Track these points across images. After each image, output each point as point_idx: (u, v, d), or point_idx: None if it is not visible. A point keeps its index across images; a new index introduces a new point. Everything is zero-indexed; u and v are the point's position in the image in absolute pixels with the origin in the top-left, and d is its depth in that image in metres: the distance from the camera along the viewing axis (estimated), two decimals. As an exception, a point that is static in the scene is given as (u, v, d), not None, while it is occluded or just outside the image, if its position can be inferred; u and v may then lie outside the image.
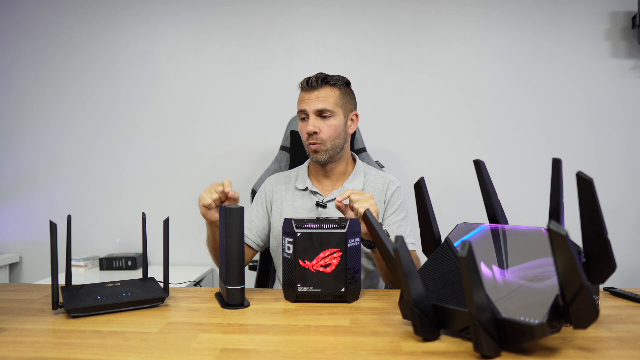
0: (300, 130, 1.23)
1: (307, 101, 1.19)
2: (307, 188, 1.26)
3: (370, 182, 1.28)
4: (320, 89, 1.19)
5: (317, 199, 1.24)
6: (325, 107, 1.18)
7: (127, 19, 1.97)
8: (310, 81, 1.20)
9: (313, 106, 1.18)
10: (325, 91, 1.20)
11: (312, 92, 1.19)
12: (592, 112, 1.89)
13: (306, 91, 1.20)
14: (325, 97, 1.19)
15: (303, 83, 1.21)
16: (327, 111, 1.18)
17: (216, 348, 0.64)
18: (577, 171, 0.62)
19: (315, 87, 1.19)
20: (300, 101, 1.22)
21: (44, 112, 1.99)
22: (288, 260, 0.88)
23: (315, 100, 1.18)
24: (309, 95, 1.19)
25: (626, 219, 1.87)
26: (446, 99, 1.91)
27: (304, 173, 1.30)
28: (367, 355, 0.61)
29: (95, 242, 1.97)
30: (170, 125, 1.97)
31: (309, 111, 1.18)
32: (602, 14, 1.87)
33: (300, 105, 1.21)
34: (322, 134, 1.18)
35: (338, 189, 1.25)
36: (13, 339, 0.68)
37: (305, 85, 1.20)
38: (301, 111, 1.20)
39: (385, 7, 1.91)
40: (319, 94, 1.19)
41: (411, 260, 0.62)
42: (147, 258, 0.94)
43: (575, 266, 0.54)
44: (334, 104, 1.19)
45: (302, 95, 1.22)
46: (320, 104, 1.18)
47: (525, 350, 0.61)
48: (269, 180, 1.35)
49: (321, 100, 1.18)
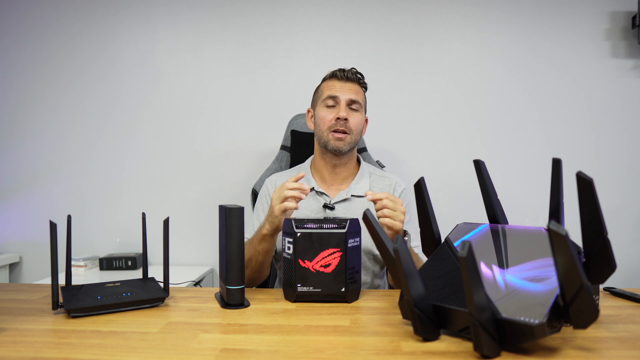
0: (323, 117, 1.21)
1: (341, 89, 1.20)
2: (312, 189, 1.24)
3: (376, 184, 1.27)
4: (354, 83, 1.23)
5: (323, 200, 1.22)
6: (358, 99, 1.20)
7: (127, 19, 1.97)
8: (347, 73, 1.22)
9: (347, 95, 1.20)
10: (357, 87, 1.23)
11: (346, 82, 1.22)
12: (592, 112, 1.89)
13: (340, 80, 1.22)
14: (357, 91, 1.22)
15: (338, 73, 1.23)
16: (358, 104, 1.21)
17: (216, 348, 0.64)
18: (577, 171, 0.62)
19: (350, 79, 1.22)
20: (330, 88, 1.22)
21: (44, 112, 1.99)
22: (288, 260, 0.88)
23: (348, 90, 1.21)
24: (342, 85, 1.21)
25: (626, 219, 1.87)
26: (446, 99, 1.91)
27: (307, 173, 1.27)
28: (367, 355, 0.61)
29: (95, 242, 1.97)
30: (170, 125, 1.97)
31: (341, 98, 1.19)
32: (602, 14, 1.87)
33: (331, 91, 1.21)
34: (350, 123, 1.19)
35: (344, 189, 1.24)
36: (13, 339, 0.68)
37: (341, 75, 1.22)
38: (332, 97, 1.20)
39: (385, 7, 1.91)
40: (352, 87, 1.22)
41: (411, 260, 0.62)
42: (147, 258, 0.94)
43: (575, 266, 0.54)
44: (362, 99, 1.23)
45: (333, 83, 1.22)
46: (354, 95, 1.20)
47: (525, 350, 0.61)
48: (269, 182, 1.31)
49: (354, 93, 1.21)
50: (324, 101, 1.22)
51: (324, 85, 1.25)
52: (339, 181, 1.26)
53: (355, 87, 1.23)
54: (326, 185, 1.26)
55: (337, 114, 1.18)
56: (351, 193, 1.23)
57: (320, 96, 1.25)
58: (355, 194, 1.23)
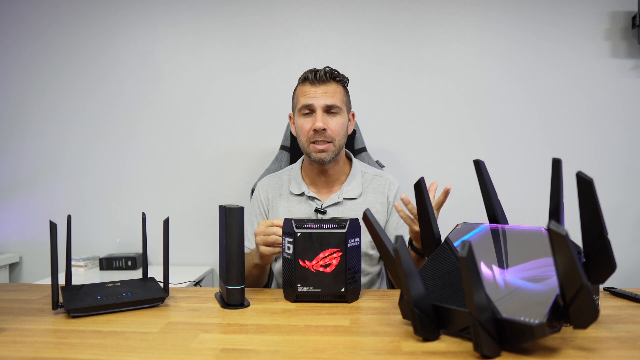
0: (300, 127, 1.14)
1: (314, 95, 1.11)
2: (303, 193, 1.20)
3: (369, 183, 1.23)
4: (328, 84, 1.13)
5: (315, 204, 1.19)
6: (334, 103, 1.11)
7: (127, 19, 1.97)
8: (319, 75, 1.12)
9: (322, 101, 1.11)
10: (333, 87, 1.13)
11: (320, 86, 1.12)
12: (592, 112, 1.89)
13: (313, 85, 1.12)
14: (333, 92, 1.12)
15: (309, 76, 1.13)
16: (336, 107, 1.12)
17: (216, 348, 0.64)
18: (577, 171, 0.62)
19: (323, 81, 1.12)
20: (303, 95, 1.13)
21: (44, 112, 1.99)
22: (288, 260, 0.88)
23: (323, 95, 1.11)
24: (316, 90, 1.12)
25: (626, 219, 1.87)
26: (446, 99, 1.91)
27: (297, 176, 1.24)
28: (367, 355, 0.61)
29: (95, 242, 1.97)
30: (170, 125, 1.97)
31: (316, 106, 1.11)
32: (602, 14, 1.87)
33: (305, 99, 1.12)
34: (330, 131, 1.11)
35: (336, 192, 1.20)
36: (13, 339, 0.68)
37: (313, 79, 1.12)
38: (306, 106, 1.12)
39: (385, 7, 1.91)
40: (326, 89, 1.12)
41: (411, 260, 0.62)
42: (147, 258, 0.94)
43: (575, 266, 0.54)
44: (340, 100, 1.14)
45: (306, 89, 1.13)
46: (330, 99, 1.11)
47: (525, 350, 0.61)
48: (261, 186, 1.27)
49: (330, 96, 1.11)
50: (299, 110, 1.15)
51: (299, 91, 1.16)
52: (330, 184, 1.21)
53: (331, 87, 1.12)
54: (317, 189, 1.21)
55: (314, 125, 1.10)
56: (343, 196, 1.18)
57: (296, 103, 1.17)
58: (347, 197, 1.19)
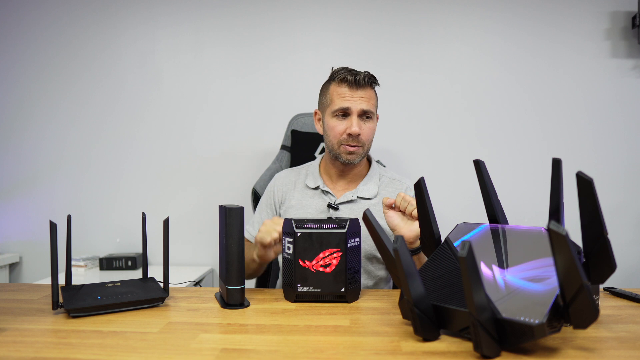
0: (332, 127, 1.14)
1: (352, 100, 1.11)
2: (318, 187, 1.21)
3: (386, 187, 1.23)
4: (366, 89, 1.13)
5: (328, 199, 1.19)
6: (370, 109, 1.13)
7: (127, 19, 1.97)
8: (359, 79, 1.11)
9: (359, 106, 1.11)
10: (369, 92, 1.14)
11: (358, 90, 1.12)
12: (592, 112, 1.89)
13: (351, 88, 1.12)
14: (369, 98, 1.13)
15: (349, 78, 1.11)
16: (370, 113, 1.13)
17: (216, 348, 0.64)
18: (577, 171, 0.62)
19: (362, 85, 1.12)
20: (340, 97, 1.12)
21: (44, 112, 1.99)
22: (288, 260, 0.88)
23: (360, 100, 1.12)
24: (353, 94, 1.12)
25: (626, 219, 1.87)
26: (446, 98, 1.91)
27: (314, 171, 1.25)
28: (367, 355, 0.61)
29: (95, 242, 1.97)
30: (170, 125, 1.97)
31: (353, 110, 1.11)
32: (602, 14, 1.87)
33: (342, 101, 1.12)
34: (363, 136, 1.12)
35: (352, 190, 1.20)
36: (13, 339, 0.68)
37: (353, 82, 1.11)
38: (343, 109, 1.12)
39: (385, 7, 1.91)
40: (364, 94, 1.12)
41: (411, 260, 0.62)
42: (147, 258, 0.94)
43: (575, 266, 0.54)
44: (374, 106, 1.15)
45: (344, 91, 1.12)
46: (366, 105, 1.12)
47: (525, 350, 0.61)
48: (277, 177, 1.29)
49: (366, 101, 1.12)
50: (334, 112, 1.14)
51: (333, 91, 1.15)
52: (347, 182, 1.22)
53: (367, 93, 1.13)
54: (333, 184, 1.22)
55: (349, 129, 1.11)
56: (357, 195, 1.19)
57: (329, 103, 1.16)
58: (362, 196, 1.19)
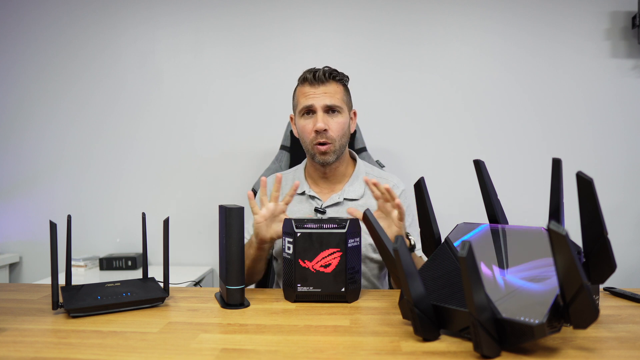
0: (302, 128, 1.15)
1: (314, 96, 1.11)
2: (304, 192, 1.20)
3: None
4: (328, 84, 1.12)
5: (315, 204, 1.19)
6: (335, 103, 1.12)
7: (127, 19, 1.97)
8: (318, 75, 1.12)
9: (321, 101, 1.11)
10: (333, 86, 1.13)
11: (319, 86, 1.12)
12: (592, 112, 1.89)
13: (312, 85, 1.12)
14: (333, 92, 1.12)
15: (308, 76, 1.12)
16: (336, 107, 1.12)
17: (216, 348, 0.64)
18: (577, 171, 0.62)
19: (322, 81, 1.12)
20: (303, 95, 1.13)
21: (44, 112, 1.99)
22: (288, 260, 0.88)
23: (323, 95, 1.11)
24: (315, 90, 1.12)
25: (626, 219, 1.87)
26: (446, 98, 1.91)
27: (300, 176, 1.24)
28: (367, 355, 0.61)
29: (95, 242, 1.97)
30: (170, 125, 1.97)
31: (316, 106, 1.11)
32: (602, 14, 1.87)
33: (305, 100, 1.12)
34: (331, 131, 1.11)
35: (337, 192, 1.20)
36: (13, 339, 0.68)
37: (312, 79, 1.12)
38: (306, 107, 1.12)
39: (385, 7, 1.91)
40: (326, 89, 1.12)
41: (411, 260, 0.62)
42: (147, 258, 0.94)
43: (575, 266, 0.54)
44: (341, 100, 1.14)
45: (306, 90, 1.13)
46: (329, 100, 1.11)
47: (525, 350, 0.61)
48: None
49: (329, 96, 1.12)
50: (300, 111, 1.15)
51: (299, 93, 1.16)
52: (332, 184, 1.22)
53: (330, 87, 1.12)
54: (319, 189, 1.22)
55: (315, 126, 1.11)
56: (344, 197, 1.18)
57: (297, 105, 1.17)
58: (348, 197, 1.18)
